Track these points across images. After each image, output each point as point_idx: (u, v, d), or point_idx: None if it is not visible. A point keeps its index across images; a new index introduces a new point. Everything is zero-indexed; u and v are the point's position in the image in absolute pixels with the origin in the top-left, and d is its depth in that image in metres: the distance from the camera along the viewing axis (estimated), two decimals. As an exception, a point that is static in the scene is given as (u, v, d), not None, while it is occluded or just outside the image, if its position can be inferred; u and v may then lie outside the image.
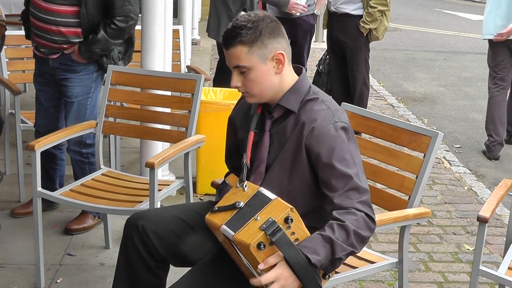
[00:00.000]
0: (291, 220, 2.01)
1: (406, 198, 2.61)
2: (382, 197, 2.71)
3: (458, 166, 5.29)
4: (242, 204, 2.11)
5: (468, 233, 4.07)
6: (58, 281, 3.28)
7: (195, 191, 4.34)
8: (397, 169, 2.71)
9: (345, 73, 5.76)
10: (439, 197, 4.63)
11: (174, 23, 4.81)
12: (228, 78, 2.31)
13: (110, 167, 3.75)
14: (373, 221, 2.13)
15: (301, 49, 6.06)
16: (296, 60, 5.97)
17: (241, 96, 2.39)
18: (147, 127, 3.54)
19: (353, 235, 2.05)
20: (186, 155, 3.21)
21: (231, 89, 4.48)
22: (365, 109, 3.20)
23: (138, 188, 3.28)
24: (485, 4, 5.84)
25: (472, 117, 6.94)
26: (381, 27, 5.51)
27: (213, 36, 5.38)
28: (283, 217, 2.01)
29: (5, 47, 4.29)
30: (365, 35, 5.53)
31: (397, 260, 2.63)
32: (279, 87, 2.26)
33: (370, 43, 5.68)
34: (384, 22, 5.51)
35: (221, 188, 2.49)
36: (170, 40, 4.48)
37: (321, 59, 6.01)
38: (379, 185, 2.80)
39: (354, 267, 2.55)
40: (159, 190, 3.06)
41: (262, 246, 1.98)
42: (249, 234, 2.01)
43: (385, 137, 2.74)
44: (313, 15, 5.99)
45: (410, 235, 2.71)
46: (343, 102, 2.95)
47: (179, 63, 5.07)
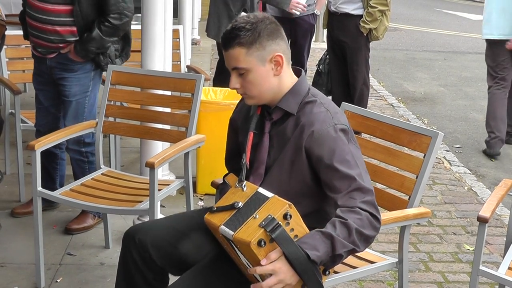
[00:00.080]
0: (290, 216, 2.02)
1: (406, 198, 2.61)
2: (382, 197, 2.70)
3: (458, 166, 5.29)
4: (241, 204, 2.11)
5: (468, 233, 4.07)
6: (58, 280, 3.28)
7: (195, 191, 4.34)
8: (397, 169, 2.71)
9: (345, 73, 5.76)
10: (439, 197, 4.63)
11: (174, 23, 4.81)
12: (228, 78, 2.31)
13: (110, 167, 3.75)
14: (378, 220, 2.13)
15: (301, 49, 6.06)
16: (296, 60, 6.04)
17: (241, 97, 2.39)
18: (147, 127, 3.54)
19: (355, 233, 2.05)
20: (186, 155, 3.21)
21: (231, 89, 4.47)
22: (365, 109, 3.19)
23: (138, 188, 3.28)
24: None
25: (472, 117, 6.93)
26: (381, 27, 5.51)
27: (213, 36, 5.38)
28: (282, 214, 2.01)
29: (5, 47, 4.29)
30: (365, 35, 5.54)
31: (397, 260, 2.62)
32: (278, 88, 2.26)
33: (370, 43, 5.68)
34: (384, 22, 5.51)
35: (222, 188, 2.49)
36: (170, 40, 4.48)
37: (321, 59, 6.01)
38: (379, 185, 2.80)
39: (354, 267, 2.54)
40: (159, 190, 3.06)
41: (262, 243, 1.98)
42: (249, 232, 2.01)
43: (385, 137, 2.74)
44: (313, 15, 5.99)
45: (410, 235, 2.71)
46: (343, 102, 2.95)
47: (179, 63, 5.07)
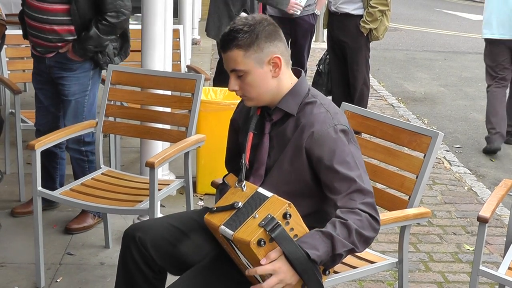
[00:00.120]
0: (290, 215, 2.02)
1: (406, 198, 2.61)
2: (382, 197, 2.70)
3: (458, 166, 5.29)
4: (240, 204, 2.11)
5: (468, 233, 4.07)
6: (58, 280, 3.28)
7: (195, 190, 4.34)
8: (397, 169, 2.71)
9: (345, 73, 5.76)
10: (439, 197, 4.63)
11: (174, 23, 4.81)
12: (228, 78, 2.31)
13: (110, 167, 3.75)
14: (377, 222, 2.13)
15: (301, 49, 6.06)
16: (296, 60, 6.04)
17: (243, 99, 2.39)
18: (147, 126, 3.54)
19: (355, 234, 2.05)
20: (186, 154, 3.21)
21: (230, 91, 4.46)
22: (365, 109, 3.19)
23: (138, 187, 3.28)
24: (485, 4, 5.87)
25: (472, 117, 6.93)
26: (382, 27, 5.51)
27: (213, 36, 5.38)
28: (282, 213, 2.01)
29: (5, 46, 4.30)
30: (366, 35, 5.53)
31: (397, 260, 2.62)
32: (277, 90, 2.26)
33: (370, 43, 5.68)
34: (384, 22, 5.51)
35: (221, 188, 2.49)
36: (170, 39, 4.48)
37: (321, 59, 6.01)
38: (379, 185, 2.80)
39: (354, 267, 2.54)
40: (159, 189, 3.06)
41: (262, 242, 1.98)
42: (249, 231, 2.01)
43: (385, 137, 2.74)
44: (313, 14, 5.99)
45: (410, 235, 2.71)
46: (343, 102, 2.95)
47: (179, 62, 5.07)
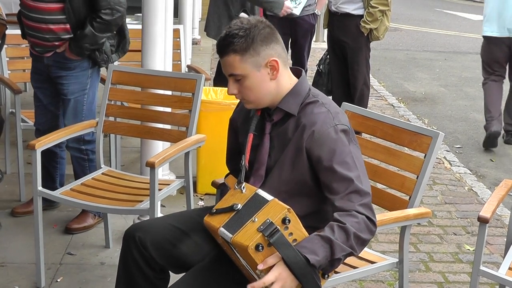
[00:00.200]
0: (289, 220, 2.01)
1: (406, 198, 2.61)
2: (382, 197, 2.70)
3: (458, 166, 5.29)
4: (239, 206, 2.11)
5: (468, 234, 4.07)
6: (58, 280, 3.28)
7: (195, 190, 4.33)
8: (397, 169, 2.71)
9: (345, 73, 5.76)
10: (439, 197, 4.63)
11: (174, 23, 4.81)
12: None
13: (110, 167, 3.75)
14: (374, 224, 2.13)
15: (302, 49, 6.06)
16: (296, 59, 6.04)
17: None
18: (148, 126, 3.54)
19: (353, 237, 2.06)
20: (186, 154, 3.21)
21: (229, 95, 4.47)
22: (365, 109, 3.19)
23: (138, 187, 3.28)
24: (486, 4, 5.90)
25: (472, 117, 6.93)
26: (382, 27, 5.51)
27: (213, 36, 5.37)
28: (281, 218, 2.01)
29: (5, 46, 4.30)
30: (366, 35, 5.53)
31: (398, 260, 2.62)
32: (276, 92, 2.26)
33: (370, 43, 5.68)
34: (384, 22, 5.51)
35: (222, 190, 2.49)
36: (170, 39, 4.48)
37: (322, 59, 6.01)
38: (379, 185, 2.80)
39: (354, 267, 2.54)
40: (160, 189, 3.06)
41: (260, 247, 1.98)
42: (247, 236, 2.01)
43: (385, 137, 2.74)
44: (313, 15, 5.99)
45: (410, 235, 2.70)
46: (343, 102, 2.95)
47: (179, 62, 5.07)
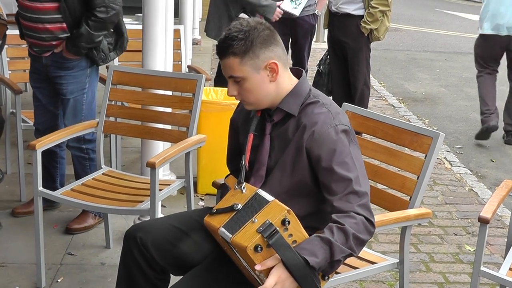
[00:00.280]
0: (288, 222, 2.01)
1: (407, 198, 2.61)
2: (383, 197, 2.70)
3: (459, 166, 5.29)
4: (240, 206, 2.11)
5: (469, 234, 4.07)
6: (58, 280, 3.28)
7: (196, 191, 4.33)
8: (398, 169, 2.71)
9: (346, 73, 5.76)
10: (440, 198, 4.63)
11: (175, 23, 4.81)
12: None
13: (111, 167, 3.75)
14: (372, 224, 2.13)
15: (302, 49, 6.06)
16: (296, 60, 6.04)
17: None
18: (148, 126, 3.54)
19: (352, 238, 2.05)
20: (187, 155, 3.21)
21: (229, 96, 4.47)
22: (366, 109, 3.19)
23: (139, 187, 3.28)
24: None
25: (473, 118, 6.92)
26: (382, 27, 5.51)
27: (213, 36, 5.38)
28: (280, 219, 2.00)
29: (6, 46, 4.30)
30: (366, 35, 5.53)
31: (398, 260, 2.62)
32: (276, 93, 2.26)
33: (371, 43, 5.68)
34: (385, 22, 5.51)
35: (223, 190, 2.49)
36: (171, 39, 4.48)
37: (322, 59, 6.01)
38: (380, 186, 2.80)
39: (354, 268, 2.54)
40: (160, 190, 3.06)
41: (259, 248, 1.98)
42: (246, 236, 2.01)
43: (386, 138, 2.73)
44: (313, 15, 5.99)
45: (411, 236, 2.70)
46: (344, 102, 2.95)
47: (180, 63, 5.07)
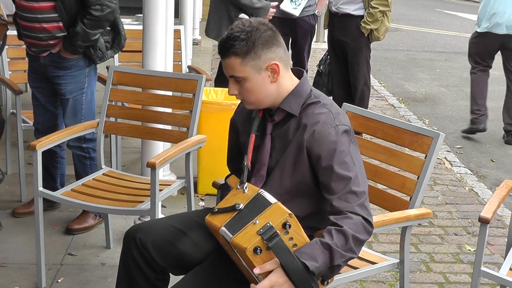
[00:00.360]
0: (289, 226, 2.00)
1: (407, 198, 2.61)
2: (383, 197, 2.70)
3: (459, 166, 5.29)
4: (241, 206, 2.11)
5: (469, 234, 4.07)
6: (59, 280, 3.28)
7: (196, 191, 4.34)
8: (398, 169, 2.71)
9: (346, 74, 5.76)
10: (440, 198, 4.63)
11: (175, 23, 4.81)
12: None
13: (111, 167, 3.75)
14: (370, 224, 2.13)
15: (302, 50, 6.06)
16: (296, 60, 6.04)
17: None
18: (148, 127, 3.54)
19: (351, 239, 2.05)
20: (187, 155, 3.21)
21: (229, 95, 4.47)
22: (366, 109, 3.19)
23: (139, 188, 3.28)
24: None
25: (473, 118, 6.92)
26: (382, 28, 5.51)
27: (213, 37, 5.38)
28: (281, 223, 2.00)
29: (6, 47, 4.30)
30: (366, 35, 5.53)
31: (398, 260, 2.62)
32: (277, 93, 2.26)
33: (371, 44, 5.68)
34: (385, 22, 5.51)
35: (223, 190, 2.49)
36: (171, 40, 4.48)
37: (322, 59, 6.00)
38: (380, 186, 2.80)
39: (355, 268, 2.54)
40: (160, 190, 3.06)
41: (258, 250, 1.98)
42: (246, 238, 2.00)
43: (386, 138, 2.74)
44: (313, 15, 5.99)
45: (411, 236, 2.70)
46: (344, 102, 2.95)
47: (180, 63, 5.07)
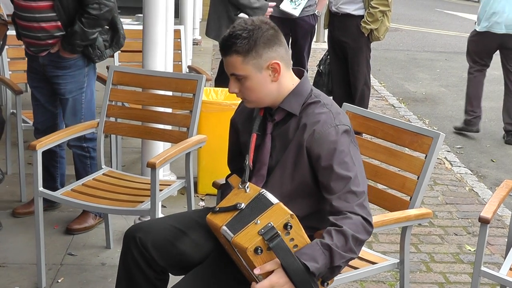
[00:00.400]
0: (291, 226, 2.00)
1: (407, 198, 2.61)
2: (383, 197, 2.70)
3: (459, 166, 5.29)
4: (243, 205, 2.10)
5: (469, 234, 4.07)
6: (59, 281, 3.28)
7: (196, 191, 4.34)
8: (398, 169, 2.71)
9: (346, 74, 5.76)
10: (440, 198, 4.63)
11: (175, 23, 4.81)
12: (229, 78, 2.31)
13: (111, 167, 3.75)
14: (370, 224, 2.13)
15: (301, 50, 6.07)
16: (296, 60, 6.04)
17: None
18: (149, 127, 3.54)
19: (351, 239, 2.05)
20: (187, 155, 3.21)
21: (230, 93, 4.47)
22: (366, 109, 3.19)
23: (139, 188, 3.28)
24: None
25: (473, 118, 6.92)
26: (382, 28, 5.51)
27: (213, 37, 5.38)
28: (283, 223, 2.00)
29: (6, 47, 4.30)
30: (366, 35, 5.53)
31: (398, 260, 2.62)
32: (277, 93, 2.26)
33: (371, 43, 5.68)
34: (385, 22, 5.51)
35: (223, 190, 2.49)
36: (171, 40, 4.48)
37: (322, 59, 6.00)
38: (380, 186, 2.80)
39: (355, 268, 2.54)
40: (160, 190, 3.06)
41: (259, 251, 1.97)
42: (247, 238, 2.00)
43: (386, 138, 2.73)
44: (313, 15, 6.00)
45: (411, 236, 2.70)
46: (344, 102, 2.95)
47: (180, 63, 5.07)
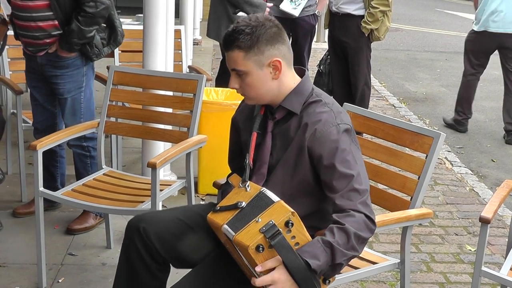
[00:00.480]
0: (292, 224, 2.01)
1: (408, 198, 2.61)
2: (384, 197, 2.70)
3: (460, 166, 5.29)
4: (244, 204, 2.11)
5: (470, 234, 4.07)
6: (59, 281, 3.28)
7: (196, 191, 4.34)
8: (399, 169, 2.71)
9: (346, 73, 5.76)
10: (440, 198, 4.63)
11: (175, 23, 4.81)
12: (229, 78, 2.32)
13: (111, 167, 3.75)
14: (372, 222, 2.13)
15: (302, 50, 6.06)
16: (296, 60, 5.95)
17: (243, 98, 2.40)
18: (149, 127, 3.54)
19: (353, 237, 2.05)
20: (187, 155, 3.21)
21: (232, 90, 4.48)
22: (366, 109, 3.19)
23: (139, 188, 3.28)
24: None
25: (473, 118, 6.89)
26: (383, 28, 5.51)
27: (213, 36, 5.39)
28: (284, 221, 2.00)
29: (7, 47, 4.30)
30: (367, 35, 5.53)
31: (399, 260, 2.62)
32: (277, 91, 2.26)
33: (371, 43, 5.68)
34: (385, 22, 5.51)
35: (224, 189, 2.49)
36: (171, 40, 4.48)
37: (322, 59, 6.01)
38: (381, 186, 2.80)
39: (355, 268, 2.54)
40: (161, 190, 3.06)
41: (261, 248, 1.98)
42: (249, 236, 2.00)
43: (387, 138, 2.74)
44: (314, 15, 6.00)
45: (412, 236, 2.70)
46: (345, 102, 2.95)
47: (180, 63, 5.07)
